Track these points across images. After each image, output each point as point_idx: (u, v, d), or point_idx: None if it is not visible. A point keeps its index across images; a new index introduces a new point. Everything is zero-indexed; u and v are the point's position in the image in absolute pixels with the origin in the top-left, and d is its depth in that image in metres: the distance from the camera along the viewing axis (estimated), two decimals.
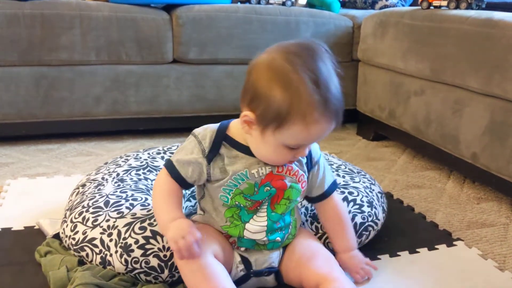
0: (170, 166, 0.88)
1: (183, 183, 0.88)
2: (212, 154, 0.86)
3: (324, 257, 0.92)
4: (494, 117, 1.35)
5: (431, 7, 1.68)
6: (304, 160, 0.91)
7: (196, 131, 0.89)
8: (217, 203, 0.89)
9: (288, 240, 0.94)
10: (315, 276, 0.87)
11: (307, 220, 1.05)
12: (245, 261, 0.91)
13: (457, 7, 1.61)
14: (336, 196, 0.98)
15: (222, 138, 0.87)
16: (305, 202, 1.07)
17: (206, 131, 0.88)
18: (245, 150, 0.86)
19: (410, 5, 2.55)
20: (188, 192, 1.17)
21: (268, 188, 0.87)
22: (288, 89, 0.75)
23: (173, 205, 0.87)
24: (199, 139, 0.87)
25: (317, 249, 0.94)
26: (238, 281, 0.90)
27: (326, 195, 0.96)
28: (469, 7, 1.58)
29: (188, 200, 1.16)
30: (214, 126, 0.89)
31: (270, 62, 0.78)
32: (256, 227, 0.89)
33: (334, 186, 0.97)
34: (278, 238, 0.91)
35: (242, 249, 0.91)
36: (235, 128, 0.88)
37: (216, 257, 0.85)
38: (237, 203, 0.87)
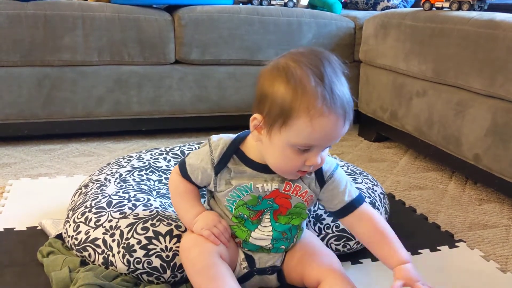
0: (183, 168, 0.90)
1: (195, 184, 0.90)
2: (220, 167, 0.86)
3: (326, 255, 0.92)
4: (497, 119, 1.35)
5: (433, 8, 1.68)
6: (313, 180, 0.87)
7: (212, 138, 0.88)
8: (223, 208, 0.90)
9: (293, 244, 0.95)
10: (317, 272, 0.88)
11: (310, 221, 1.05)
12: (249, 258, 0.92)
13: (459, 8, 1.61)
14: (369, 208, 0.89)
15: (233, 151, 0.86)
16: None
17: (220, 141, 0.86)
18: (255, 166, 0.85)
19: (412, 6, 2.54)
20: None
21: (271, 203, 0.87)
22: (291, 82, 0.74)
23: (193, 202, 0.90)
24: (211, 148, 0.86)
25: (319, 248, 0.94)
26: (241, 279, 0.90)
27: (350, 208, 0.88)
28: (471, 8, 1.58)
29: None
30: (229, 138, 0.87)
31: (275, 64, 0.79)
32: (261, 235, 0.90)
33: (360, 198, 0.89)
34: (283, 246, 0.92)
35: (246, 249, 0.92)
36: (250, 143, 0.86)
37: (221, 255, 0.86)
38: (240, 213, 0.88)
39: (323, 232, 1.03)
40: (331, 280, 0.86)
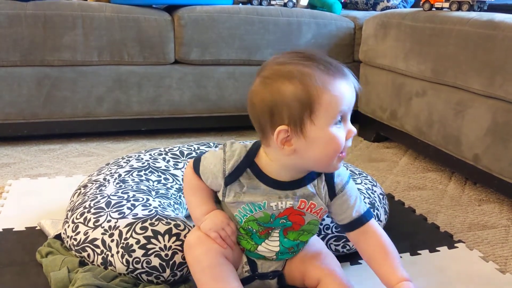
0: (197, 165, 0.88)
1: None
2: (231, 179, 0.83)
3: (327, 255, 0.93)
4: (496, 119, 1.35)
5: (433, 9, 1.68)
6: (326, 193, 0.85)
7: (228, 146, 0.85)
8: (231, 216, 0.88)
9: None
10: (318, 272, 0.88)
11: None
12: (252, 263, 0.92)
13: (458, 8, 1.61)
14: (375, 225, 0.88)
15: (247, 165, 0.83)
16: None
17: (235, 152, 0.83)
18: (269, 182, 0.82)
19: (412, 7, 2.54)
20: None
21: (284, 221, 0.86)
22: (293, 77, 0.74)
23: (204, 199, 0.89)
24: (225, 157, 0.84)
25: (320, 248, 0.95)
26: (241, 282, 0.90)
27: (356, 224, 0.86)
28: (470, 8, 1.58)
29: None
30: (245, 148, 0.84)
31: (263, 79, 0.77)
32: (267, 249, 0.89)
33: (368, 214, 0.87)
34: (287, 258, 0.93)
35: None
36: (264, 157, 0.83)
37: (226, 256, 0.85)
38: (249, 227, 0.87)
39: (323, 232, 1.03)
40: (329, 281, 0.86)
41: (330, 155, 0.77)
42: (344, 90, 0.76)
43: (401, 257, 1.06)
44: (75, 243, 0.97)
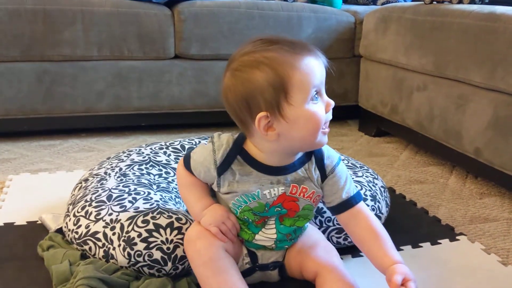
0: (187, 161, 0.89)
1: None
2: (223, 168, 0.84)
3: (324, 247, 0.92)
4: (498, 112, 1.34)
5: (434, 2, 1.68)
6: (316, 175, 0.86)
7: (216, 137, 0.86)
8: (227, 208, 0.89)
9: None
10: (315, 264, 0.88)
11: None
12: (252, 255, 0.92)
13: (460, 1, 1.60)
14: (365, 208, 0.88)
15: (237, 152, 0.84)
16: None
17: (223, 141, 0.84)
18: (260, 167, 0.83)
19: (413, 0, 2.54)
20: None
21: (279, 209, 0.86)
22: (260, 64, 0.75)
23: (201, 194, 0.89)
24: (215, 148, 0.84)
25: (318, 240, 0.94)
26: (243, 274, 0.90)
27: (346, 205, 0.86)
28: (472, 1, 1.58)
29: None
30: (232, 137, 0.85)
31: (232, 72, 0.79)
32: (264, 238, 0.90)
33: (357, 196, 0.87)
34: (286, 246, 0.93)
35: None
36: (252, 145, 0.84)
37: (227, 249, 0.86)
38: (245, 217, 0.87)
39: (324, 225, 1.03)
40: (327, 274, 0.86)
41: (312, 131, 0.78)
42: (313, 65, 0.77)
43: (402, 250, 1.07)
44: (76, 236, 0.97)
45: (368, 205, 1.06)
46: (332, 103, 0.80)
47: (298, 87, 0.75)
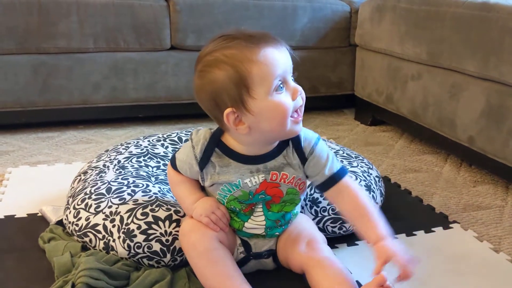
0: (173, 162, 0.92)
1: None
2: (203, 162, 0.86)
3: (308, 239, 0.92)
4: (491, 101, 1.36)
5: None
6: (296, 161, 0.86)
7: (194, 133, 0.89)
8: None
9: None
10: (299, 258, 0.90)
11: (306, 204, 1.06)
12: (245, 244, 0.94)
13: None
14: (351, 182, 0.88)
15: (214, 145, 0.86)
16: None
17: (200, 136, 0.87)
18: (238, 157, 0.85)
19: None
20: None
21: (263, 196, 0.88)
22: (220, 63, 0.77)
23: (191, 189, 0.92)
24: (193, 144, 0.87)
25: (302, 231, 0.94)
26: (238, 263, 0.92)
27: (331, 182, 0.87)
28: None
29: None
30: (209, 132, 0.88)
31: (198, 73, 0.81)
32: (254, 225, 0.91)
33: (342, 172, 0.87)
34: (277, 233, 0.94)
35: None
36: (230, 137, 0.86)
37: (221, 239, 0.88)
38: (232, 207, 0.90)
39: (320, 214, 1.05)
40: (311, 270, 0.86)
41: (280, 121, 0.79)
42: (273, 55, 0.78)
43: (397, 238, 1.09)
44: (76, 228, 0.98)
45: None
46: (299, 89, 0.81)
47: (258, 80, 0.77)
